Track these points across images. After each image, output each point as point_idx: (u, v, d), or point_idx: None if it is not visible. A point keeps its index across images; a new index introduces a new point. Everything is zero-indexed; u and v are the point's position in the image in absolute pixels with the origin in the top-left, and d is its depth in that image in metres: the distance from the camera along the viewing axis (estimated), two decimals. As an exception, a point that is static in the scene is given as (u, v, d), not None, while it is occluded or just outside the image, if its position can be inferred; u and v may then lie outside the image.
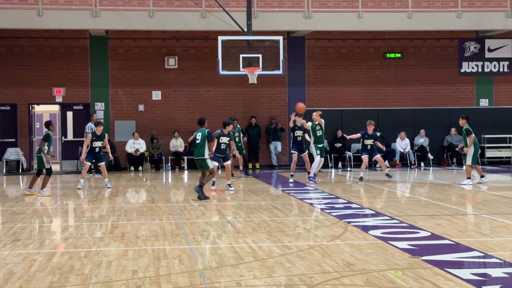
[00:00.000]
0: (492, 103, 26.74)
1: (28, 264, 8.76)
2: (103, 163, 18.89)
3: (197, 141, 16.02)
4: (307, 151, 19.99)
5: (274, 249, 9.54)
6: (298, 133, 19.75)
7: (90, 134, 18.97)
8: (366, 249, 9.41)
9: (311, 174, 19.44)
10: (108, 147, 19.14)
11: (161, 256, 9.13)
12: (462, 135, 18.88)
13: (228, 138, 17.62)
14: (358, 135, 19.60)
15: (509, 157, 26.21)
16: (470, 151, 18.16)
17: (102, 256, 9.20)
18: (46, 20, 22.81)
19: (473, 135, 18.26)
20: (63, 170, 25.08)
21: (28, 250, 9.69)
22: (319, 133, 19.58)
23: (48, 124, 17.18)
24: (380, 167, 21.80)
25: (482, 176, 18.60)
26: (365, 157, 19.44)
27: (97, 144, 18.69)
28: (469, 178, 18.29)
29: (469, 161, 18.27)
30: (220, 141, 17.45)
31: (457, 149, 20.49)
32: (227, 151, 17.75)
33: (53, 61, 25.00)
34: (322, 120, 19.59)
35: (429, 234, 10.53)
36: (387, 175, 19.85)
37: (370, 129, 19.46)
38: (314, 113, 19.68)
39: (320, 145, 19.68)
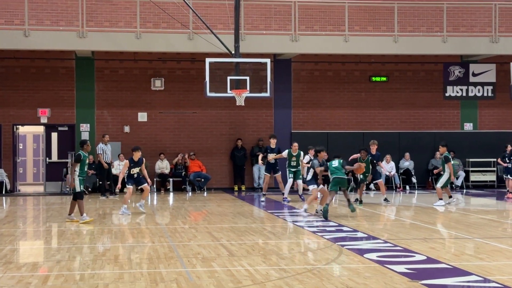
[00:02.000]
0: (477, 127, 26.94)
1: (24, 287, 8.62)
2: (146, 184, 17.65)
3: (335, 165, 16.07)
4: (280, 172, 21.32)
5: (271, 272, 9.46)
6: (272, 155, 21.18)
7: (127, 161, 17.45)
8: (364, 273, 9.37)
9: (285, 195, 20.66)
10: (145, 172, 17.80)
11: (158, 279, 9.03)
12: (441, 161, 19.41)
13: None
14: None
15: (493, 181, 26.34)
16: (445, 176, 19.12)
17: (98, 279, 9.07)
18: (32, 41, 22.70)
19: (452, 162, 19.27)
20: (47, 191, 24.83)
21: (22, 273, 9.54)
22: (293, 163, 20.58)
23: (82, 144, 15.80)
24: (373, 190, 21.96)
25: (450, 197, 19.36)
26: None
27: (135, 170, 17.52)
28: (441, 199, 19.07)
29: (440, 184, 19.22)
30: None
31: (435, 171, 20.71)
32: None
33: (38, 82, 24.86)
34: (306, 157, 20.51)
35: (425, 257, 10.51)
36: (386, 199, 19.93)
37: (373, 149, 19.62)
38: (295, 144, 20.87)
39: (293, 169, 20.53)
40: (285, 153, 20.97)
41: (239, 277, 9.13)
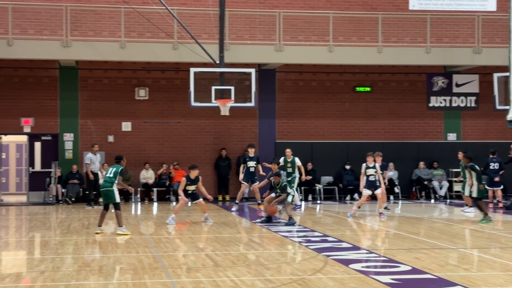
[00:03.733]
0: (460, 137, 27.08)
1: (7, 298, 8.56)
2: (201, 199, 17.70)
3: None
4: (257, 182, 20.81)
5: (256, 283, 9.45)
6: (251, 163, 20.87)
7: (184, 179, 17.42)
8: (349, 283, 9.37)
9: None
10: (203, 189, 17.77)
11: (143, 290, 8.99)
12: (462, 168, 20.49)
13: None
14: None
15: (477, 191, 26.38)
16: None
17: (83, 290, 9.02)
18: (15, 50, 22.57)
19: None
20: (30, 201, 24.67)
21: (5, 284, 9.46)
22: (289, 169, 20.68)
23: (120, 159, 15.84)
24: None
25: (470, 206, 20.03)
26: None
27: (191, 188, 17.46)
28: (471, 206, 19.81)
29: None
30: None
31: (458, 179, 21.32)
32: None
33: (21, 91, 24.72)
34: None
35: (410, 268, 10.53)
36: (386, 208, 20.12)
37: (370, 160, 18.89)
38: (288, 150, 20.85)
39: (289, 177, 20.49)
40: (281, 160, 20.93)
41: (225, 288, 9.11)
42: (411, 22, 25.03)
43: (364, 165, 18.83)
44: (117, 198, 15.32)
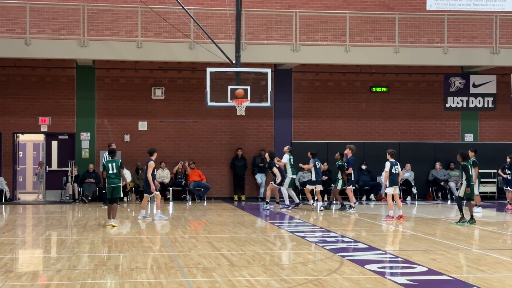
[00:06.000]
0: (477, 138, 26.94)
1: (24, 296, 8.60)
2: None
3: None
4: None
5: (272, 283, 9.44)
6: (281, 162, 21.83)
7: (153, 163, 18.15)
8: (365, 284, 9.34)
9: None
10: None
11: (159, 289, 9.00)
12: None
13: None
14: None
15: (494, 192, 26.31)
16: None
17: (99, 289, 9.05)
18: (33, 49, 22.70)
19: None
20: (46, 200, 24.79)
21: (22, 282, 9.51)
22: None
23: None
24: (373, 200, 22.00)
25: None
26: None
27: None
28: (479, 206, 20.08)
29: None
30: None
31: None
32: None
33: (39, 90, 24.86)
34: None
35: (426, 269, 10.48)
36: (350, 207, 20.80)
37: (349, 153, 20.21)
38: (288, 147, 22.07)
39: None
40: (285, 159, 21.11)
41: (240, 288, 9.11)
42: (428, 22, 24.91)
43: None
44: (121, 194, 16.82)
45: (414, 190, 25.58)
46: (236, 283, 9.44)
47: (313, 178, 21.01)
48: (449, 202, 24.91)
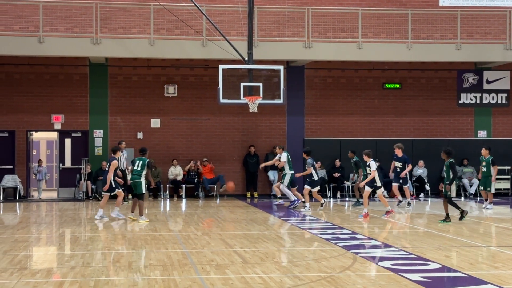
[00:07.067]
0: (490, 134, 26.83)
1: (38, 293, 8.64)
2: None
3: None
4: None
5: (285, 280, 9.44)
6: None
7: (116, 162, 17.82)
8: (378, 281, 9.33)
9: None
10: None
11: (172, 286, 9.02)
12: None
13: None
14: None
15: (507, 189, 26.21)
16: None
17: (112, 286, 9.08)
18: (46, 47, 22.79)
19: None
20: (60, 197, 24.90)
21: (36, 279, 9.56)
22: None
23: (145, 151, 17.68)
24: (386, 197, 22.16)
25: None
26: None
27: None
28: (491, 202, 20.12)
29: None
30: None
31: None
32: None
33: (52, 88, 24.96)
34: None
35: (440, 266, 10.45)
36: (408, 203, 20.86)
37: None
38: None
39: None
40: (284, 157, 21.04)
41: (253, 285, 9.11)
42: (441, 18, 24.82)
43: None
44: (143, 189, 17.15)
45: (427, 187, 25.50)
46: (249, 280, 9.45)
47: (315, 179, 20.17)
48: (462, 199, 24.83)
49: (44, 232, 15.50)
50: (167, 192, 24.99)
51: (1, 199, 23.99)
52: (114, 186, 17.74)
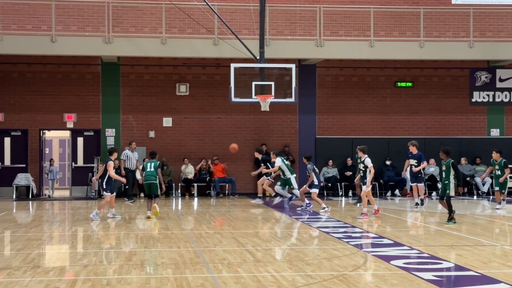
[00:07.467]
0: (503, 133, 26.71)
1: (51, 291, 8.68)
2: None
3: None
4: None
5: (297, 279, 9.44)
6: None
7: (112, 163, 17.84)
8: (391, 280, 9.31)
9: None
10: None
11: (184, 285, 9.04)
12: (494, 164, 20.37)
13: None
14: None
15: (520, 188, 26.05)
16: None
17: (125, 284, 9.10)
18: (59, 46, 22.87)
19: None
20: (72, 196, 24.99)
21: (49, 277, 9.60)
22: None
23: (155, 154, 18.33)
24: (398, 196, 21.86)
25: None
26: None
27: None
28: (499, 203, 19.99)
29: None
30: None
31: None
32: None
33: (64, 87, 25.05)
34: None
35: (452, 265, 10.43)
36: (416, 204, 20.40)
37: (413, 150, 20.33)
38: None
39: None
40: (278, 162, 20.86)
41: (265, 283, 9.11)
42: (454, 16, 24.74)
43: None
44: (158, 191, 17.63)
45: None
46: (262, 278, 9.45)
47: (316, 182, 19.84)
48: (475, 197, 24.75)
49: (56, 231, 15.56)
50: (179, 191, 25.03)
51: (14, 197, 24.09)
52: (104, 187, 17.55)
